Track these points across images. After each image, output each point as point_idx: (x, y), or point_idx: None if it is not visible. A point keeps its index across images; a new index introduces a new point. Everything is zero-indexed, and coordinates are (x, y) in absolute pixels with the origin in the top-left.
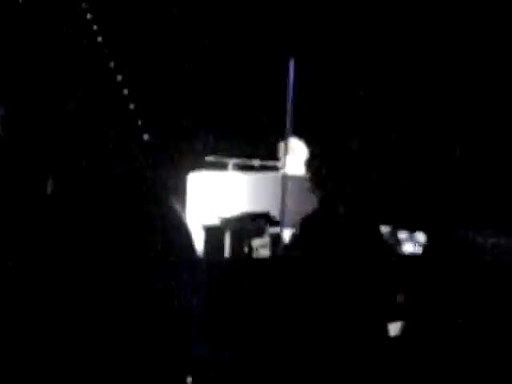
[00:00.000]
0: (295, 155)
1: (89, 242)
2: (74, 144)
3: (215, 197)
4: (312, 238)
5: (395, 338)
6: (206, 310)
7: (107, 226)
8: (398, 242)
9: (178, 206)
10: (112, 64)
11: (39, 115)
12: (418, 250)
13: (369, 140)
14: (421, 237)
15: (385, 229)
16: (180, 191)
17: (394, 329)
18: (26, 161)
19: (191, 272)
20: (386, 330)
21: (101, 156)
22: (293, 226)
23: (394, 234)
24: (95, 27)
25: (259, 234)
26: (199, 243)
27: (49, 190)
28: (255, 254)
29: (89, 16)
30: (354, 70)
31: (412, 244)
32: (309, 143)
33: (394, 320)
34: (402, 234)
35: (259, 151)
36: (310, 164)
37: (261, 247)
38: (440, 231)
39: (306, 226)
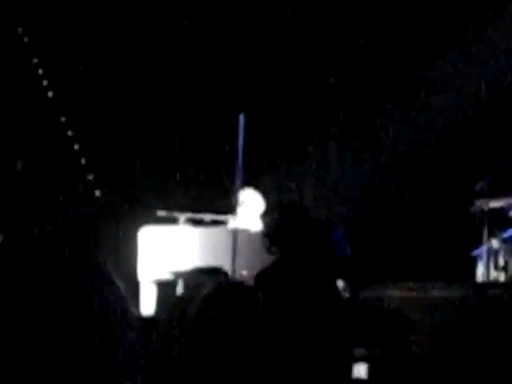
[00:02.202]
0: (248, 207)
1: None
2: (22, 202)
3: (167, 251)
4: (267, 294)
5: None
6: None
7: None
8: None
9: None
10: (63, 119)
11: None
12: None
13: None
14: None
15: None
16: (129, 248)
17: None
18: None
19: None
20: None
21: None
22: (244, 280)
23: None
24: (45, 83)
25: None
26: (151, 298)
27: None
28: None
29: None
30: (307, 124)
31: None
32: (263, 196)
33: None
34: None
35: (210, 205)
36: (265, 219)
37: None
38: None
39: (261, 282)
